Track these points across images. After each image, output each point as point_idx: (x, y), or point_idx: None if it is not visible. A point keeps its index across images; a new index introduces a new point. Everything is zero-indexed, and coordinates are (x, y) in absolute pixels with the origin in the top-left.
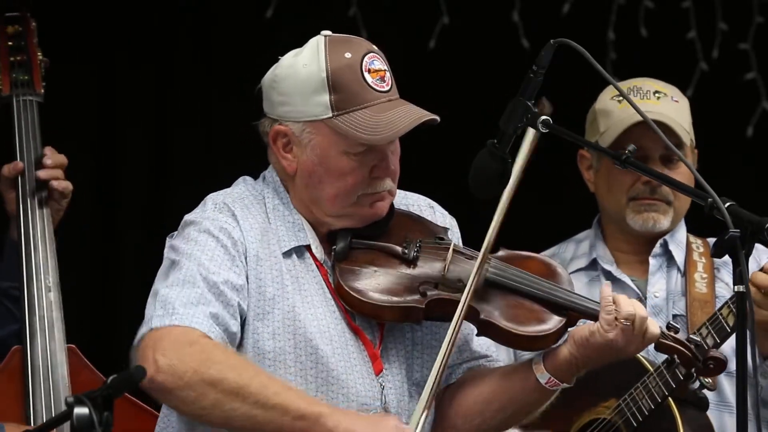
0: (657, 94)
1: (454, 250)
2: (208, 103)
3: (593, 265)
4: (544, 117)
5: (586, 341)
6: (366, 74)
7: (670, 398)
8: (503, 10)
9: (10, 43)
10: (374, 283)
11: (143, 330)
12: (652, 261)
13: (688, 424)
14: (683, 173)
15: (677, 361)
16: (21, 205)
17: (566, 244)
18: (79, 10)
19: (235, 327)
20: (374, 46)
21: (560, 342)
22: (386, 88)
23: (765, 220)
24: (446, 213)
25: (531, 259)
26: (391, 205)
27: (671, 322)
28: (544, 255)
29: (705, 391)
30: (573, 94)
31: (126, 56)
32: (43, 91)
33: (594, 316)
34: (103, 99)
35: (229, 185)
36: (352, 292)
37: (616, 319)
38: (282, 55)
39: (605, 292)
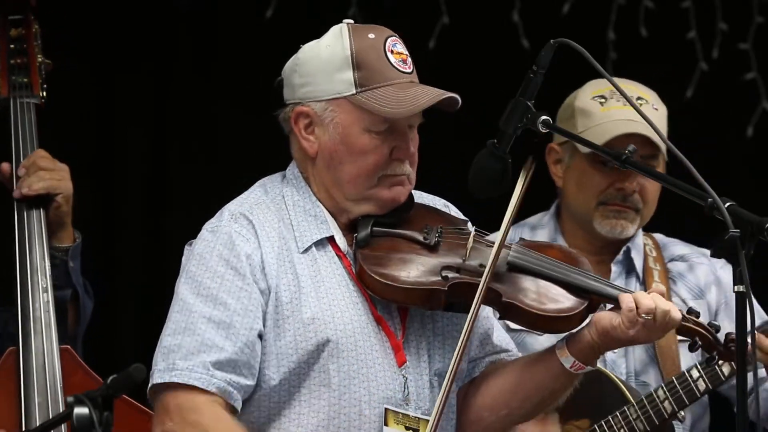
0: (639, 101)
1: (474, 236)
2: (208, 102)
3: None
4: (544, 117)
5: (607, 332)
6: (389, 54)
7: None
8: (503, 10)
9: (12, 46)
10: (397, 267)
11: (151, 381)
12: (614, 268)
13: None
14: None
15: (699, 343)
16: (16, 207)
17: (521, 229)
18: (78, 11)
19: (243, 356)
20: (395, 33)
21: (582, 325)
22: (408, 70)
23: (765, 220)
24: (460, 213)
25: (551, 246)
26: (411, 197)
27: (692, 308)
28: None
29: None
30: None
31: (125, 56)
32: (44, 93)
33: (616, 301)
34: (103, 99)
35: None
36: (374, 276)
37: (637, 315)
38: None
39: (625, 298)
